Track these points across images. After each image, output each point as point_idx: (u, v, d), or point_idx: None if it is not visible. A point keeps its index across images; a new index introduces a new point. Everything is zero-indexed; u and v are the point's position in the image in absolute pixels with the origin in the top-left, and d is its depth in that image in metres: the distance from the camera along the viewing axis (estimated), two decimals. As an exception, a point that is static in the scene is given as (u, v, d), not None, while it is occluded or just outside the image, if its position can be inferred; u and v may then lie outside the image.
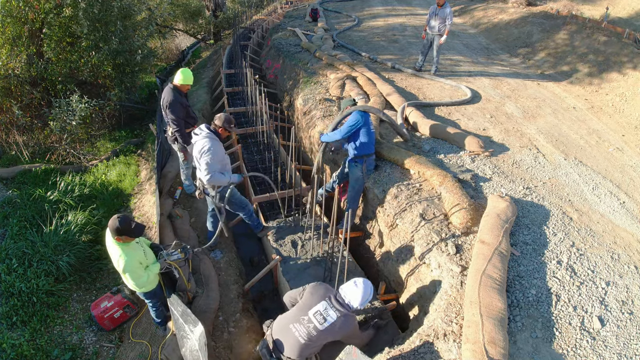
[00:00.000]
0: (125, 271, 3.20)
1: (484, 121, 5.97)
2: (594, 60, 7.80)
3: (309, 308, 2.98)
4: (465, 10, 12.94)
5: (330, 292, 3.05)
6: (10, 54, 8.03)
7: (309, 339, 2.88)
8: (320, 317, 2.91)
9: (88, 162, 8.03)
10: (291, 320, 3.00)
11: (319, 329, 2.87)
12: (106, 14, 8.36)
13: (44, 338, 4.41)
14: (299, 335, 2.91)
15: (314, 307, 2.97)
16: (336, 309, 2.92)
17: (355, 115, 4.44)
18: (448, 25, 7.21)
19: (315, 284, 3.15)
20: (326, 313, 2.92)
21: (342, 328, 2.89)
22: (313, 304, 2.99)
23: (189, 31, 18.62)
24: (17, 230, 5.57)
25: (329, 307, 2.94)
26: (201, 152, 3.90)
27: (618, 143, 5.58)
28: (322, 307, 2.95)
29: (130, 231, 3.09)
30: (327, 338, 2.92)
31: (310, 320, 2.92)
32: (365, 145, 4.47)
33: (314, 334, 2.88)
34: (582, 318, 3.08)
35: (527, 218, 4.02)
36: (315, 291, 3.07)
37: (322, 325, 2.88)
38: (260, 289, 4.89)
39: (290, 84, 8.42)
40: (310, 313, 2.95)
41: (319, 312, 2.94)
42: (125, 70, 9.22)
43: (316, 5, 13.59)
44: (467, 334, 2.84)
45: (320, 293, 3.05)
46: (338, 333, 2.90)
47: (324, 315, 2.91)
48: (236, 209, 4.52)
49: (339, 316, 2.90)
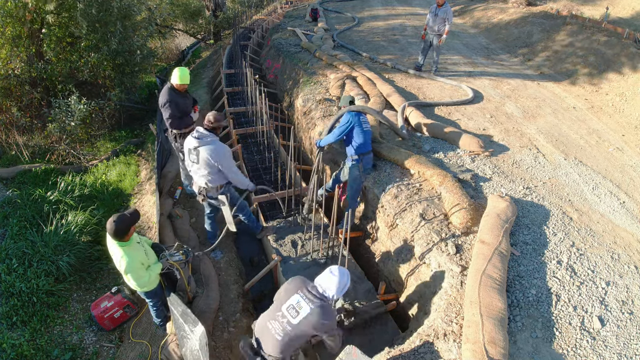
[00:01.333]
0: (127, 272, 3.20)
1: (484, 121, 5.97)
2: (594, 60, 7.80)
3: (282, 303, 2.89)
4: (465, 10, 12.94)
5: (305, 284, 2.91)
6: (10, 54, 8.03)
7: (284, 334, 2.80)
8: (293, 311, 2.80)
9: (88, 162, 8.04)
10: (268, 318, 2.94)
11: (293, 323, 2.77)
12: (106, 14, 8.37)
13: (44, 338, 4.41)
14: (275, 332, 2.83)
15: (287, 301, 2.87)
16: (309, 299, 2.79)
17: (346, 116, 4.45)
18: (448, 25, 7.19)
19: (292, 278, 3.03)
20: (298, 306, 2.80)
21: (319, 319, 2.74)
22: (287, 298, 2.89)
23: (189, 31, 18.62)
24: (17, 230, 5.57)
25: (301, 300, 2.82)
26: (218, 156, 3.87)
27: (618, 143, 5.58)
28: (295, 300, 2.84)
29: (129, 220, 3.11)
30: (306, 332, 2.80)
31: (283, 315, 2.83)
32: (361, 144, 4.48)
33: (288, 329, 2.78)
34: (582, 318, 3.08)
35: (527, 218, 4.02)
36: (289, 285, 2.96)
37: (296, 319, 2.77)
38: (260, 289, 4.88)
39: (290, 84, 8.42)
40: (283, 308, 2.85)
41: (292, 306, 2.82)
42: (125, 71, 9.22)
43: (316, 5, 13.59)
44: (467, 333, 2.84)
45: (294, 286, 2.93)
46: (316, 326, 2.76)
47: (296, 308, 2.80)
48: (236, 210, 4.51)
49: (313, 307, 2.76)
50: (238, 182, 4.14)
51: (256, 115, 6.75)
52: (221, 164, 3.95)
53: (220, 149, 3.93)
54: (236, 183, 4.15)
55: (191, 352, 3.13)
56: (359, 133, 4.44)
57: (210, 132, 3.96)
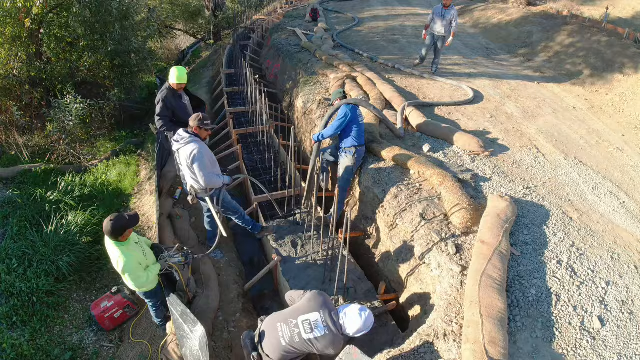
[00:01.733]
0: (124, 272, 3.20)
1: (484, 121, 5.97)
2: (594, 60, 7.80)
3: (300, 314, 2.91)
4: (465, 10, 12.94)
5: (328, 307, 2.92)
6: (9, 54, 8.03)
7: (290, 342, 2.82)
8: (308, 327, 2.82)
9: (88, 163, 8.04)
10: (280, 320, 2.96)
11: (303, 337, 2.80)
12: (104, 14, 8.36)
13: (44, 338, 4.41)
14: (282, 336, 2.86)
15: (306, 314, 2.89)
16: (327, 325, 2.81)
17: (343, 110, 4.53)
18: (454, 26, 7.12)
19: (317, 292, 3.05)
20: (315, 324, 2.82)
21: (325, 347, 2.78)
22: (306, 311, 2.91)
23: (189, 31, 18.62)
24: (17, 230, 5.57)
25: (319, 320, 2.84)
26: (191, 158, 3.81)
27: (618, 143, 5.58)
28: (314, 317, 2.86)
29: (128, 223, 3.10)
30: (309, 349, 2.83)
31: (297, 326, 2.85)
32: (357, 137, 4.64)
33: (296, 340, 2.81)
34: (582, 318, 3.08)
35: (527, 218, 4.02)
36: (313, 299, 2.98)
37: (307, 335, 2.80)
38: (260, 289, 4.89)
39: (290, 84, 8.42)
40: (299, 319, 2.88)
41: (309, 321, 2.85)
42: (123, 72, 9.22)
43: (316, 5, 13.58)
44: (467, 333, 2.84)
45: (317, 303, 2.94)
46: (320, 349, 2.80)
47: (312, 326, 2.82)
48: (227, 213, 4.48)
49: (326, 334, 2.78)
50: (213, 184, 4.03)
51: (256, 115, 6.75)
52: (193, 166, 3.87)
53: (190, 151, 3.82)
54: (212, 185, 4.04)
55: (191, 352, 3.13)
56: (355, 126, 4.60)
57: (192, 134, 3.91)
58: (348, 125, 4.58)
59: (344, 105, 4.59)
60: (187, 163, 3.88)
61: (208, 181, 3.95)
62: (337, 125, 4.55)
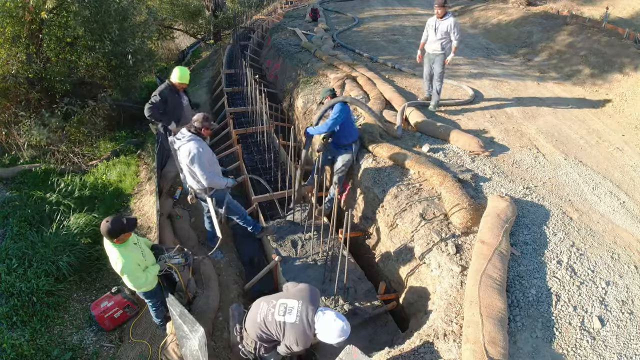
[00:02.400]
0: (123, 272, 3.21)
1: (484, 121, 5.97)
2: (594, 60, 7.80)
3: (282, 297, 2.99)
4: (465, 10, 12.94)
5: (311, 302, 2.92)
6: (9, 54, 8.03)
7: (264, 319, 2.89)
8: (282, 309, 2.86)
9: (87, 163, 8.03)
10: (265, 299, 3.06)
11: (275, 318, 2.85)
12: (104, 15, 8.36)
13: (44, 338, 4.41)
14: (259, 312, 2.95)
15: (286, 299, 2.94)
16: (300, 315, 2.82)
17: (339, 107, 4.59)
18: (455, 40, 5.52)
19: (310, 286, 3.08)
20: (290, 310, 2.85)
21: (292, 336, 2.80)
22: (288, 296, 2.97)
23: (188, 31, 18.62)
24: (17, 231, 5.57)
25: (295, 308, 2.85)
26: (190, 157, 3.81)
27: (618, 143, 5.58)
28: (291, 303, 2.88)
29: (125, 227, 3.10)
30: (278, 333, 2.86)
31: (274, 306, 2.92)
32: (352, 132, 4.86)
33: (269, 319, 2.87)
34: (582, 318, 3.08)
35: (527, 218, 4.02)
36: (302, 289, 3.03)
37: (279, 317, 2.84)
38: (260, 289, 4.88)
39: (290, 84, 8.42)
40: (279, 301, 2.94)
41: (285, 305, 2.89)
42: (120, 73, 9.22)
43: (316, 5, 13.59)
44: (467, 333, 2.84)
45: (302, 294, 2.97)
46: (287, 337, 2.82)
47: (287, 310, 2.85)
48: (230, 213, 4.48)
49: (296, 323, 2.80)
50: (215, 184, 4.03)
51: (256, 115, 6.75)
52: (193, 166, 3.86)
53: (189, 150, 3.80)
54: (213, 185, 4.03)
55: (190, 352, 3.13)
56: (350, 122, 4.78)
57: (194, 133, 3.91)
58: (345, 122, 4.67)
59: (339, 102, 4.62)
60: (187, 161, 3.89)
61: (210, 181, 3.94)
62: (333, 123, 4.57)
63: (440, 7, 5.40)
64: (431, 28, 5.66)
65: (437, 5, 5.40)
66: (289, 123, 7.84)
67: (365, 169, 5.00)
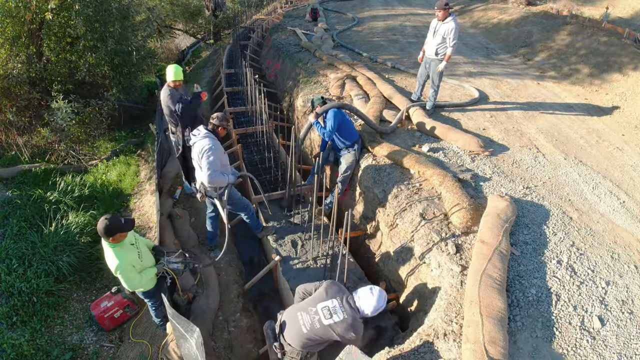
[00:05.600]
0: (116, 272, 3.20)
1: (484, 120, 5.97)
2: (594, 60, 7.80)
3: (318, 301, 3.04)
4: (465, 10, 12.94)
5: (343, 293, 3.09)
6: (9, 54, 8.03)
7: (311, 329, 2.92)
8: (327, 312, 2.95)
9: (87, 163, 8.03)
10: (300, 309, 3.08)
11: (323, 323, 2.91)
12: (105, 14, 8.36)
13: (44, 338, 4.41)
14: (303, 323, 2.96)
15: (324, 302, 3.02)
16: (345, 309, 2.96)
17: (332, 112, 4.74)
18: (450, 46, 5.32)
19: (331, 282, 3.21)
20: (334, 310, 2.95)
21: (346, 330, 2.89)
22: (324, 299, 3.04)
23: (188, 31, 18.60)
24: (17, 231, 5.57)
25: (337, 306, 2.98)
26: (202, 151, 3.89)
27: (618, 142, 5.58)
28: (332, 304, 2.99)
29: (122, 227, 3.09)
30: (330, 335, 2.93)
31: (317, 313, 2.97)
32: (352, 133, 4.95)
33: (317, 326, 2.92)
34: (582, 317, 3.08)
35: (527, 218, 4.02)
36: (329, 288, 3.12)
37: (327, 321, 2.91)
38: (260, 288, 4.89)
39: (290, 83, 8.42)
40: (319, 306, 3.00)
41: (327, 308, 2.98)
42: (122, 71, 9.22)
43: (316, 5, 13.58)
44: (467, 333, 2.84)
45: (334, 291, 3.09)
46: (341, 334, 2.91)
47: (332, 311, 2.95)
48: (238, 209, 4.52)
49: (345, 317, 2.92)
50: (218, 182, 4.07)
51: (256, 115, 6.74)
52: (199, 161, 3.94)
53: (202, 146, 3.88)
54: (214, 183, 4.06)
55: (189, 352, 3.13)
56: (348, 124, 4.90)
57: (210, 131, 3.99)
58: (341, 125, 4.79)
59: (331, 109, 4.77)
60: (198, 156, 3.95)
61: (211, 179, 3.98)
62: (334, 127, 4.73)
63: (441, 10, 5.28)
64: (431, 30, 5.56)
65: (437, 9, 5.31)
66: (288, 123, 7.83)
67: (365, 169, 5.00)
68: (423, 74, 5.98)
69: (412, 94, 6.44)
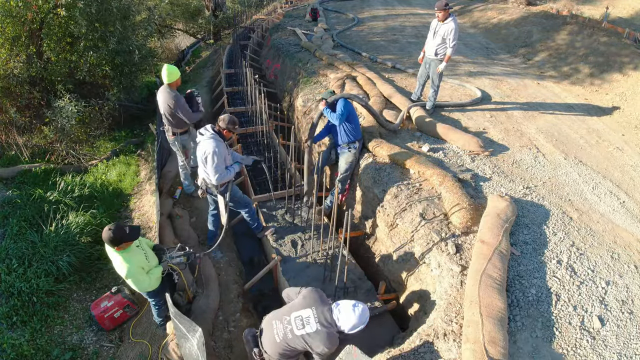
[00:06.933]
0: (127, 277, 3.22)
1: (484, 120, 5.97)
2: (594, 60, 7.80)
3: (294, 310, 2.93)
4: (465, 10, 12.94)
5: (322, 303, 2.92)
6: (9, 53, 8.02)
7: (283, 339, 2.85)
8: (300, 323, 2.83)
9: (87, 163, 8.03)
10: (275, 317, 3.00)
11: (295, 334, 2.81)
12: (105, 13, 8.36)
13: (44, 338, 4.41)
14: (276, 333, 2.89)
15: (299, 311, 2.90)
16: (319, 321, 2.80)
17: (342, 102, 4.68)
18: (450, 46, 5.32)
19: (312, 289, 3.05)
20: (307, 320, 2.82)
21: (319, 343, 2.76)
22: (299, 307, 2.92)
23: (188, 31, 18.60)
24: (17, 230, 5.56)
25: (312, 316, 2.83)
26: (206, 154, 3.91)
27: (618, 142, 5.58)
28: (306, 313, 2.86)
29: (126, 236, 3.10)
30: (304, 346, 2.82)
31: (289, 322, 2.87)
32: (357, 130, 4.86)
33: (289, 336, 2.83)
34: (582, 317, 3.08)
35: (527, 218, 4.02)
36: (308, 296, 2.98)
37: (299, 331, 2.81)
38: (260, 288, 4.89)
39: (290, 83, 8.42)
40: (292, 315, 2.89)
41: (300, 318, 2.85)
42: (123, 71, 9.22)
43: (316, 5, 13.58)
44: (467, 333, 2.84)
45: (311, 299, 2.94)
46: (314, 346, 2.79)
47: (304, 322, 2.82)
48: (239, 207, 4.54)
49: (319, 329, 2.77)
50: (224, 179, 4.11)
51: (256, 115, 6.75)
52: (206, 165, 3.97)
53: (206, 148, 3.90)
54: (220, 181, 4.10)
55: (190, 352, 3.13)
56: (356, 116, 4.84)
57: (216, 132, 4.00)
58: (352, 115, 4.73)
59: (342, 99, 4.73)
60: (202, 158, 3.98)
61: (219, 178, 4.02)
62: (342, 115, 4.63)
63: (441, 11, 5.27)
64: (431, 31, 5.56)
65: (437, 9, 5.30)
66: (288, 123, 7.83)
67: (365, 169, 5.00)
68: (423, 74, 5.99)
69: (412, 94, 6.44)
